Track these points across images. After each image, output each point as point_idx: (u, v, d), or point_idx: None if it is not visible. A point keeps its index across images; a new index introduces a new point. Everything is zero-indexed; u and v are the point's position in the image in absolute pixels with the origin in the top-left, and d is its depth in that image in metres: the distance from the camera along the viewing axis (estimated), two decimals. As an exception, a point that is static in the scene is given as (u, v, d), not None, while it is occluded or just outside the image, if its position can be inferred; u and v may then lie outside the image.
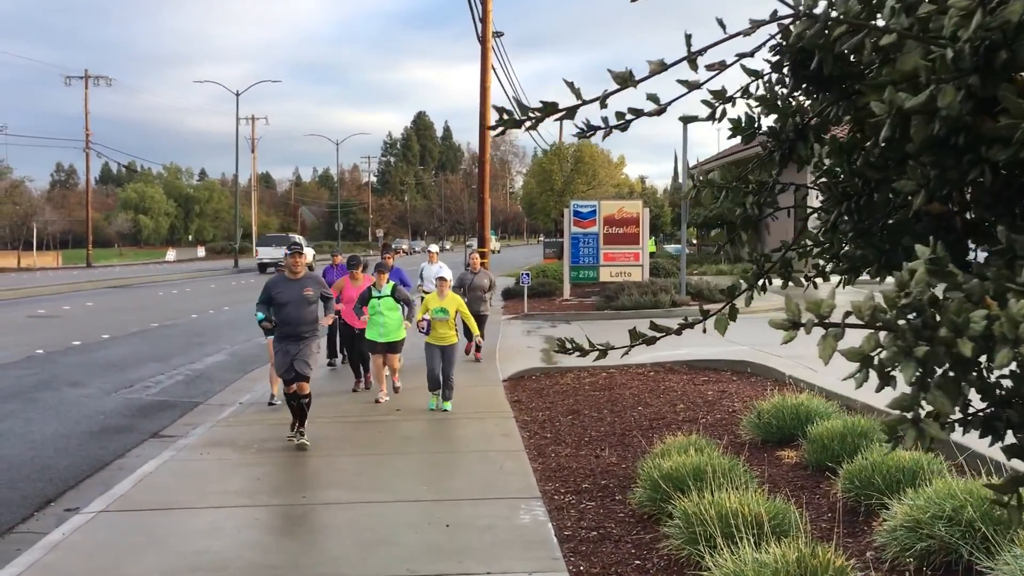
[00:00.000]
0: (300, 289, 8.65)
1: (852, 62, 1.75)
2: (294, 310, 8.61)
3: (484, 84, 25.16)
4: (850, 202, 1.91)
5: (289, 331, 8.65)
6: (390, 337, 10.55)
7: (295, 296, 8.63)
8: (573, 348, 2.31)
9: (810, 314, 1.46)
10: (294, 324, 8.60)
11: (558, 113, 1.69)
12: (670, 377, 11.64)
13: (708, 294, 22.91)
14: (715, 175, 2.65)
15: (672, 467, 6.11)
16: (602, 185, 51.68)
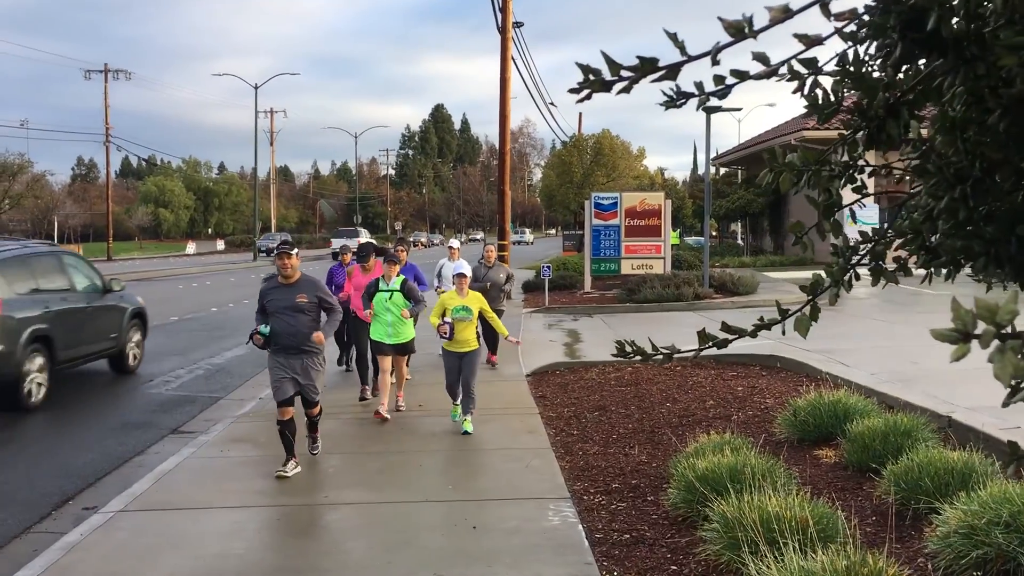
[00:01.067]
0: (293, 296, 7.38)
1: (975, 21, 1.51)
2: (285, 321, 7.34)
3: (504, 75, 24.92)
4: (964, 186, 1.67)
5: (284, 344, 7.39)
6: (399, 338, 9.39)
7: (287, 304, 7.39)
8: (634, 352, 2.09)
9: (983, 323, 1.12)
10: (287, 336, 7.36)
11: (657, 72, 1.45)
12: (697, 372, 11.39)
13: (732, 287, 22.60)
14: (794, 158, 2.39)
15: (707, 468, 5.88)
16: (622, 177, 51.21)
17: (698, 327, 10.05)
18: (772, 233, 39.37)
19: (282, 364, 7.36)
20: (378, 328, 9.48)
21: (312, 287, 7.54)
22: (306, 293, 7.42)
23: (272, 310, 7.41)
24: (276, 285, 7.51)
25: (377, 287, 9.41)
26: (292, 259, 7.37)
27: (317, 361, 7.53)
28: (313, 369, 7.48)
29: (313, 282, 7.63)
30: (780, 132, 36.23)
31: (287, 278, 7.43)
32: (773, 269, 30.62)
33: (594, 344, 14.90)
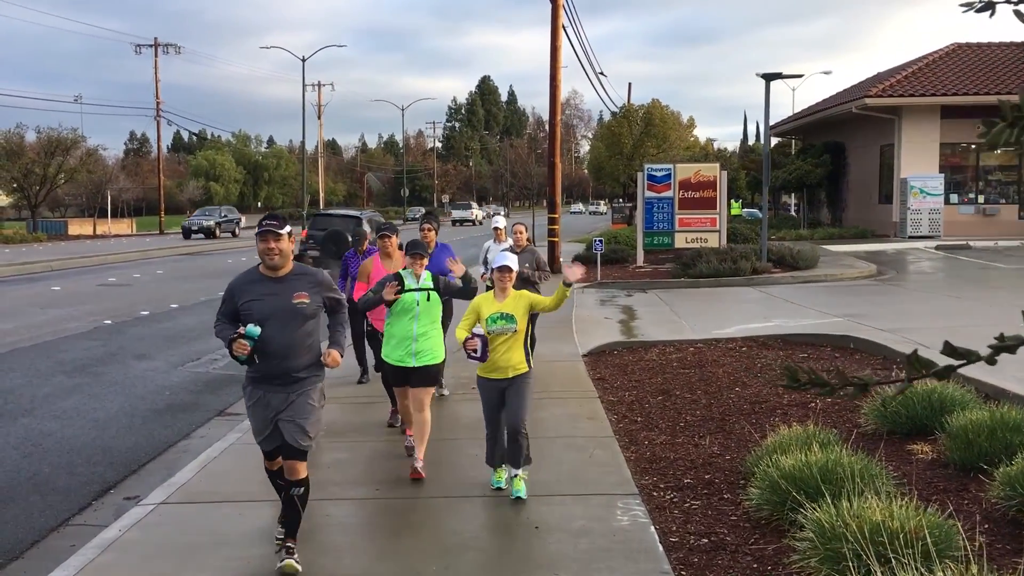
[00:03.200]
0: (286, 295, 5.03)
1: None
2: (277, 331, 4.95)
3: (555, 44, 24.23)
4: None
5: (268, 369, 5.00)
6: (427, 357, 6.69)
7: (276, 307, 4.99)
8: (812, 382, 1.57)
9: None
10: (278, 357, 4.97)
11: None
12: (765, 353, 10.78)
13: (791, 260, 21.79)
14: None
15: (794, 466, 5.33)
16: (673, 148, 50.18)
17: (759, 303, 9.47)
18: (830, 205, 38.18)
19: (263, 401, 5.07)
20: (395, 345, 6.76)
21: (314, 282, 5.16)
22: (307, 291, 5.08)
23: (259, 315, 4.97)
24: (257, 278, 5.11)
25: (401, 284, 6.67)
26: (282, 241, 5.03)
27: (313, 394, 5.12)
28: (307, 404, 5.06)
29: (314, 276, 5.24)
30: (839, 100, 34.99)
31: (274, 269, 5.07)
32: (832, 242, 29.61)
33: (651, 322, 14.33)
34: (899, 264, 22.94)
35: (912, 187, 29.55)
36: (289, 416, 5.04)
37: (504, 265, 6.22)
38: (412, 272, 6.84)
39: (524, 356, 6.19)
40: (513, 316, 6.10)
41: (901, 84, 30.69)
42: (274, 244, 5.02)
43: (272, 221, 5.07)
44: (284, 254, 5.09)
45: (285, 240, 5.09)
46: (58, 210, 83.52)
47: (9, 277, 25.70)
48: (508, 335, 6.09)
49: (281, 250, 5.06)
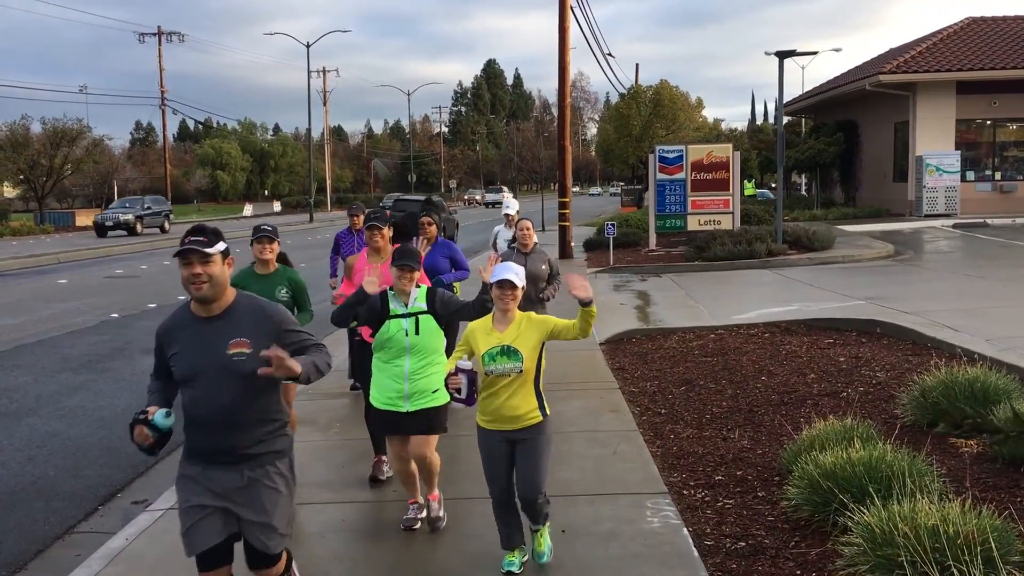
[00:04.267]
0: (221, 343, 3.55)
1: None
2: (208, 396, 3.57)
3: (563, 25, 23.82)
4: None
5: (206, 444, 3.66)
6: (423, 400, 5.21)
7: (207, 361, 3.56)
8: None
9: None
10: (215, 431, 3.61)
11: None
12: (789, 339, 10.47)
13: (807, 242, 21.44)
14: None
15: (835, 463, 5.03)
16: (682, 129, 49.72)
17: (776, 286, 9.03)
18: (843, 184, 37.72)
19: (200, 482, 3.66)
20: (384, 384, 5.27)
21: (262, 320, 3.62)
22: (249, 335, 3.56)
23: (183, 373, 3.59)
24: (187, 320, 3.64)
25: (387, 308, 5.19)
26: (212, 265, 3.51)
27: (276, 473, 3.71)
28: (268, 489, 3.67)
29: (262, 311, 3.66)
30: (852, 77, 34.45)
31: (204, 304, 3.56)
32: (847, 222, 29.22)
33: (668, 307, 14.02)
34: (916, 243, 22.55)
35: (928, 165, 29.09)
36: (251, 515, 3.65)
37: (505, 280, 4.47)
38: (399, 291, 5.16)
39: (536, 403, 4.58)
40: (518, 352, 4.44)
41: (915, 60, 30.18)
42: (200, 269, 3.46)
43: (197, 236, 3.52)
44: (216, 283, 3.51)
45: (218, 263, 3.52)
46: (65, 201, 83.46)
47: (16, 270, 25.51)
48: (512, 376, 4.47)
49: (211, 276, 3.49)
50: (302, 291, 6.36)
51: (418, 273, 5.20)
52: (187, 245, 3.51)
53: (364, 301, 5.12)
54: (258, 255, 6.23)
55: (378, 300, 5.17)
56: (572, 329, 4.50)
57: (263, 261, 6.26)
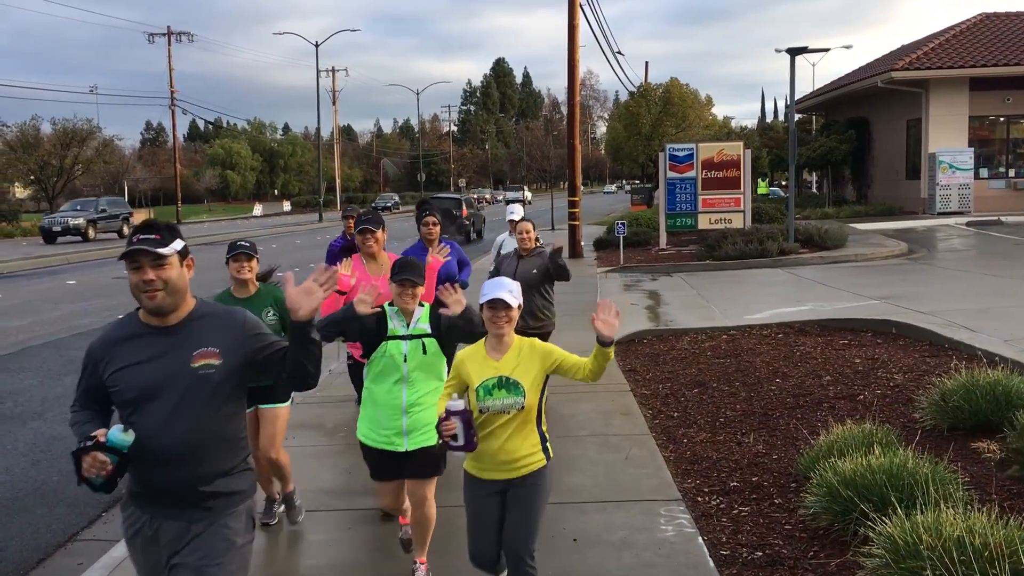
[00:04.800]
0: (184, 354, 2.98)
1: None
2: (167, 418, 2.94)
3: (572, 22, 23.68)
4: None
5: (159, 480, 2.99)
6: (422, 438, 4.45)
7: (168, 376, 2.97)
8: None
9: None
10: (172, 461, 2.96)
11: None
12: (803, 340, 10.30)
13: (819, 240, 21.24)
14: None
15: (855, 471, 4.88)
16: (692, 127, 49.49)
17: (789, 285, 8.75)
18: (854, 182, 37.45)
19: (148, 534, 3.04)
20: (377, 418, 4.50)
21: (230, 327, 3.08)
22: (218, 344, 3.03)
23: (131, 394, 2.96)
24: (136, 331, 3.05)
25: (382, 328, 4.44)
26: (168, 268, 2.94)
27: (233, 522, 3.06)
28: (220, 539, 3.02)
29: (230, 316, 3.12)
30: (864, 74, 34.18)
31: (160, 314, 2.98)
32: (859, 220, 28.98)
33: (680, 307, 13.87)
34: (930, 242, 22.32)
35: (941, 162, 28.83)
36: (192, 561, 2.94)
37: (496, 299, 3.79)
38: (400, 309, 4.42)
39: (538, 443, 3.94)
40: (519, 384, 3.80)
41: (928, 56, 29.91)
42: (153, 273, 2.88)
43: (147, 234, 2.91)
44: (174, 289, 2.93)
45: (175, 266, 2.94)
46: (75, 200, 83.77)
47: (26, 271, 25.52)
48: (511, 414, 3.81)
49: (168, 282, 2.91)
50: None
51: (422, 289, 4.44)
52: (135, 245, 2.88)
53: (354, 319, 4.36)
54: (235, 275, 5.31)
55: (373, 318, 4.39)
56: (581, 370, 3.84)
57: (241, 281, 5.35)
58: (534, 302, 7.41)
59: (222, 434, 3.04)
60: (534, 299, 7.41)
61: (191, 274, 3.05)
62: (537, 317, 7.48)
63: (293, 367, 2.99)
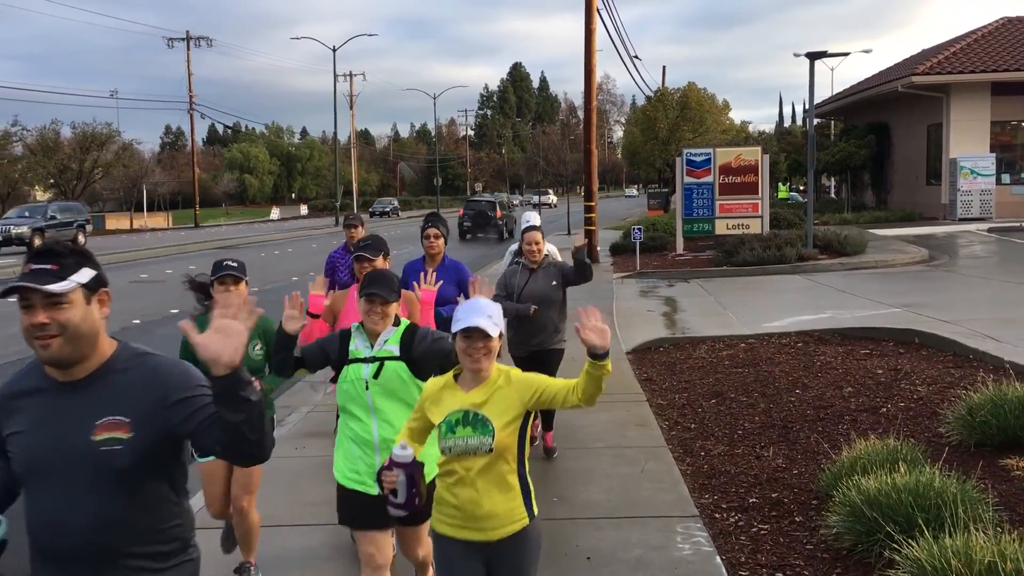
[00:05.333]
0: (84, 422, 2.26)
1: None
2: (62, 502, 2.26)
3: (589, 27, 23.55)
4: None
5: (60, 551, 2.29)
6: None
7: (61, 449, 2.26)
8: None
9: None
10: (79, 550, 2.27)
11: None
12: (823, 349, 10.11)
13: (838, 246, 20.97)
14: None
15: (879, 489, 4.72)
16: (709, 132, 49.24)
17: (808, 292, 8.47)
18: (874, 187, 37.08)
19: None
20: (350, 452, 3.98)
21: (153, 385, 2.33)
22: (129, 413, 2.29)
23: (24, 466, 2.33)
24: (42, 385, 2.35)
25: (343, 350, 3.97)
26: (67, 309, 2.23)
27: None
28: None
29: (155, 372, 2.35)
30: (884, 79, 33.85)
31: (61, 367, 2.29)
32: (878, 225, 28.66)
33: (697, 314, 13.69)
34: (951, 248, 22.01)
35: (962, 167, 28.48)
36: None
37: (472, 328, 3.14)
38: (365, 329, 3.88)
39: (519, 496, 3.25)
40: (487, 422, 3.18)
41: (949, 61, 29.57)
42: (46, 316, 2.22)
43: (41, 264, 2.24)
44: (74, 333, 2.25)
45: (77, 304, 2.26)
46: (96, 204, 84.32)
47: None
48: (480, 455, 3.17)
49: (66, 325, 2.24)
50: None
51: (395, 306, 3.88)
52: (22, 280, 2.20)
53: (287, 348, 3.87)
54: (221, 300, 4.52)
55: (336, 339, 3.92)
56: (572, 393, 3.17)
57: None
58: (552, 317, 6.79)
59: (141, 525, 2.30)
60: (552, 314, 6.79)
61: (106, 312, 2.34)
62: (552, 337, 6.85)
63: (228, 437, 2.20)
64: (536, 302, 6.67)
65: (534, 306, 6.67)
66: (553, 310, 6.82)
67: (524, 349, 6.79)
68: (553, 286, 6.79)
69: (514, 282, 6.84)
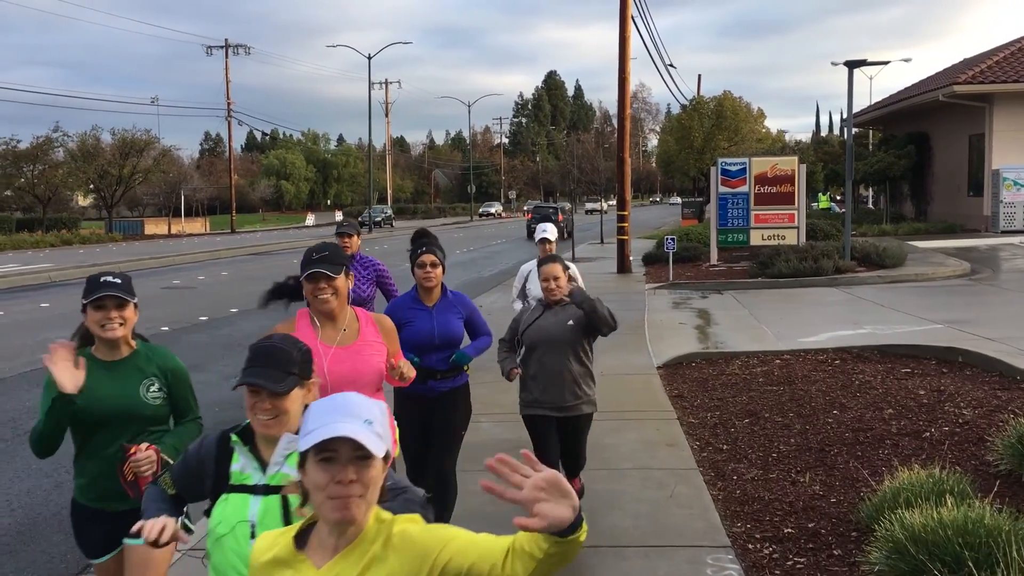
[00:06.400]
0: None
1: None
2: None
3: (623, 35, 23.32)
4: None
5: None
6: None
7: None
8: None
9: None
10: None
11: None
12: (862, 367, 9.75)
13: (877, 258, 20.48)
14: None
15: (925, 525, 4.41)
16: (745, 141, 48.73)
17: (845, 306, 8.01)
18: (913, 198, 36.38)
19: None
20: None
21: None
22: None
23: None
24: None
25: (222, 467, 2.54)
26: None
27: None
28: None
29: None
30: (924, 88, 33.21)
31: None
32: (918, 237, 28.05)
33: (730, 328, 13.36)
34: (994, 261, 21.42)
35: (1005, 179, 27.80)
36: None
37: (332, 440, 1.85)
38: (251, 445, 2.56)
39: None
40: None
41: (992, 70, 28.92)
42: None
43: None
44: None
45: None
46: (137, 209, 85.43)
47: (78, 279, 25.78)
48: None
49: None
50: (184, 384, 3.65)
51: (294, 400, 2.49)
52: None
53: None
54: (99, 330, 3.50)
55: (213, 446, 2.57)
56: (504, 568, 1.82)
57: (109, 340, 3.53)
58: (568, 368, 5.28)
59: None
60: (568, 364, 5.28)
61: None
62: (574, 394, 5.34)
63: None
64: (539, 344, 5.30)
65: (516, 368, 5.43)
66: (567, 357, 5.30)
67: (533, 409, 5.38)
68: (568, 326, 5.28)
69: (526, 319, 5.49)
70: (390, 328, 4.08)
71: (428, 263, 5.05)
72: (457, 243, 42.46)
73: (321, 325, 3.82)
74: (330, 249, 3.79)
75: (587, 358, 5.45)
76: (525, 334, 5.41)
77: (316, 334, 3.77)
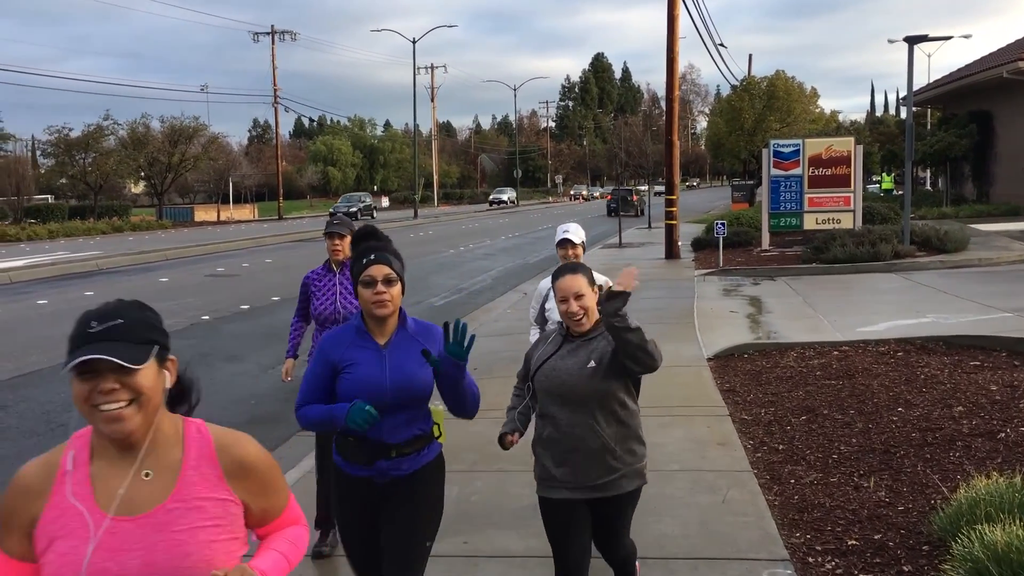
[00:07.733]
0: None
1: None
2: None
3: (672, 14, 22.69)
4: None
5: None
6: None
7: None
8: None
9: None
10: None
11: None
12: (926, 360, 9.19)
13: (938, 243, 19.66)
14: None
15: (1008, 544, 3.96)
16: (797, 122, 47.60)
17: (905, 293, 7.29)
18: (975, 179, 35.11)
19: None
20: None
21: None
22: None
23: None
24: None
25: None
26: None
27: None
28: None
29: None
30: (987, 64, 31.94)
31: None
32: (980, 220, 27.02)
33: (784, 316, 12.82)
34: (1062, 245, 20.47)
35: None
36: None
37: None
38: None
39: None
40: None
41: (1060, 44, 27.65)
42: None
43: None
44: None
45: None
46: (187, 196, 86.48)
47: (125, 267, 25.97)
48: None
49: None
50: None
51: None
52: None
53: None
54: None
55: None
56: None
57: None
58: (596, 431, 3.64)
59: None
60: (595, 425, 3.63)
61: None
62: (608, 467, 3.70)
63: None
64: (552, 395, 3.69)
65: (512, 436, 3.79)
66: (593, 414, 3.65)
67: (549, 490, 3.75)
68: (590, 368, 3.61)
69: (537, 358, 3.81)
70: (254, 462, 2.11)
71: (380, 278, 3.26)
72: (502, 228, 42.26)
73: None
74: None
75: (626, 411, 3.73)
76: (535, 377, 3.75)
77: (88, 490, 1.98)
